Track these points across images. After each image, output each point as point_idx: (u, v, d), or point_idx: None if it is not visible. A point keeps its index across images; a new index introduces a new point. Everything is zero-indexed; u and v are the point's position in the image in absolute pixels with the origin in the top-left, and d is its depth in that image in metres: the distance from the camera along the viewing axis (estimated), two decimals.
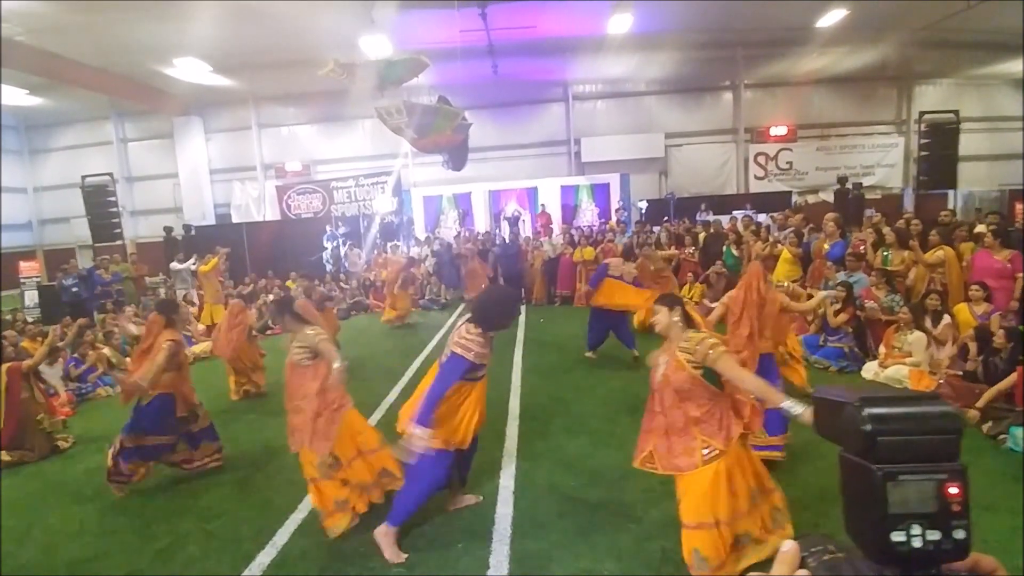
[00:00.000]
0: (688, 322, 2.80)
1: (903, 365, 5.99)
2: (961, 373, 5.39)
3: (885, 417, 0.66)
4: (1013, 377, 4.69)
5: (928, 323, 6.18)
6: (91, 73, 13.23)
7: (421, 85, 10.75)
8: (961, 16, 12.07)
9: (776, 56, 15.42)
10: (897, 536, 0.63)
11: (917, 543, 0.63)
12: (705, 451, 2.69)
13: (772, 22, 13.37)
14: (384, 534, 3.29)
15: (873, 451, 0.65)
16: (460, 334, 3.19)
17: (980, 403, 4.76)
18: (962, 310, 6.13)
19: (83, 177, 14.40)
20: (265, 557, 3.43)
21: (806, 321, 7.09)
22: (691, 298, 9.49)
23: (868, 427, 0.65)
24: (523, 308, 11.46)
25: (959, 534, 0.64)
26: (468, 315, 3.30)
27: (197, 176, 17.56)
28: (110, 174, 14.64)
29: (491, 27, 11.57)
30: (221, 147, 17.82)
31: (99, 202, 14.24)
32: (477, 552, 3.31)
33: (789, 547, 0.67)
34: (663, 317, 2.78)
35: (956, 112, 13.80)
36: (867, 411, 0.66)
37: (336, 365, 3.52)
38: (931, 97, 16.56)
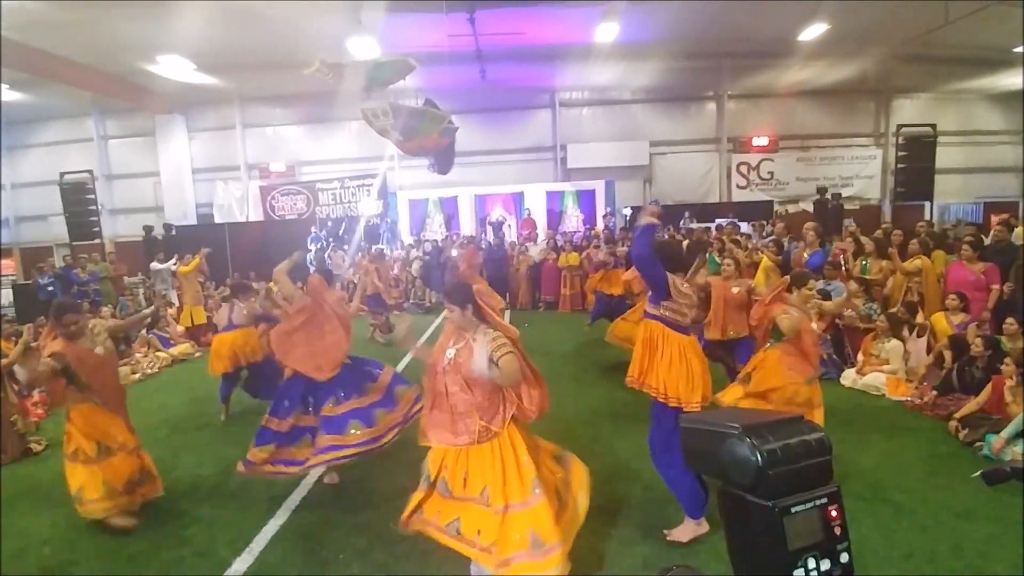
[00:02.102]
0: (479, 316, 2.96)
1: (880, 372, 6.11)
2: (935, 392, 5.42)
3: (772, 447, 0.60)
4: (989, 389, 4.78)
5: (907, 329, 6.31)
6: (73, 69, 12.99)
7: (408, 88, 10.72)
8: (939, 32, 12.33)
9: (759, 68, 15.62)
10: (798, 573, 0.59)
11: None
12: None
13: (756, 35, 13.57)
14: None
15: (764, 485, 0.60)
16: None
17: (959, 414, 4.84)
18: (939, 319, 6.25)
19: (62, 174, 14.15)
20: (241, 564, 3.38)
21: None
22: None
23: (758, 459, 0.60)
24: (507, 313, 11.47)
25: (844, 557, 0.62)
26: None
27: (179, 175, 17.28)
28: (90, 171, 14.38)
29: (479, 32, 11.58)
30: (204, 146, 17.54)
31: (78, 200, 14.01)
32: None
33: None
34: (457, 316, 2.94)
35: (933, 126, 14.12)
36: (752, 441, 0.60)
37: None
38: (909, 111, 16.84)
